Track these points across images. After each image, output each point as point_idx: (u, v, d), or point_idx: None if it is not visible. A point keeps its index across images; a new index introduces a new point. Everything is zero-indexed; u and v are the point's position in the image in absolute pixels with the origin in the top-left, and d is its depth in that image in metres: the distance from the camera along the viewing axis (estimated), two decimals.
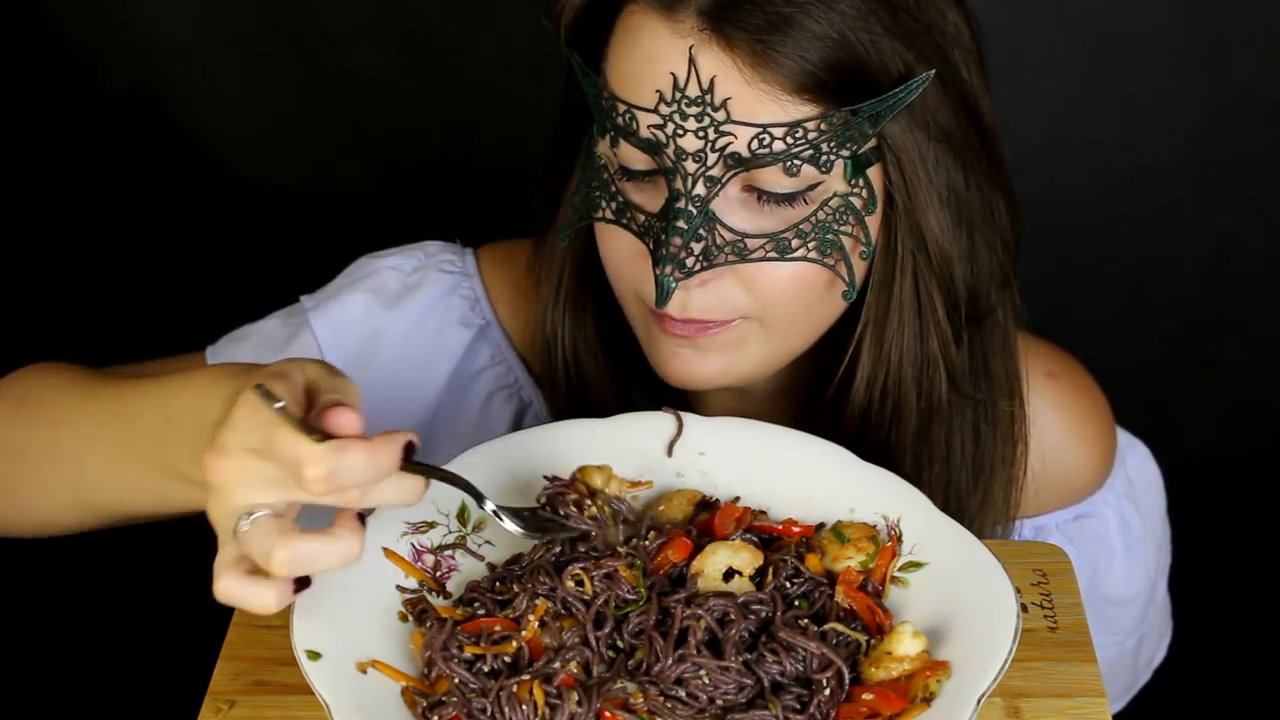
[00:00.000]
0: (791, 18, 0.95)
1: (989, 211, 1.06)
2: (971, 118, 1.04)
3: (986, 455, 1.13)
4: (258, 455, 0.79)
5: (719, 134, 0.96)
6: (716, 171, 0.98)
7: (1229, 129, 1.71)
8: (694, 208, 0.98)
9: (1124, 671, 1.31)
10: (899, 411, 1.08)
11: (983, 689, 0.81)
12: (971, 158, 1.04)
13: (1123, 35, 1.66)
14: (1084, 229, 1.79)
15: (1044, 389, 1.20)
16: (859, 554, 0.94)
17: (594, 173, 1.04)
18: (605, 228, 1.05)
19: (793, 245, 1.00)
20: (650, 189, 1.02)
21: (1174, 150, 1.73)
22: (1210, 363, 1.85)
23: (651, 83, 0.97)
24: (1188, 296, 1.82)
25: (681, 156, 0.98)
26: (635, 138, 0.99)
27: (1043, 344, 1.24)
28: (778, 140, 0.96)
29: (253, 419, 0.80)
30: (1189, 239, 1.78)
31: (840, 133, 0.97)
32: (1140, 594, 1.27)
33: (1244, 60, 1.67)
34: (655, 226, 1.00)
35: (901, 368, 1.07)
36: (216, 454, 0.80)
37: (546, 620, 0.89)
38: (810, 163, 0.97)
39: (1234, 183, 1.75)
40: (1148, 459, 1.29)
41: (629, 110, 0.98)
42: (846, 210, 1.00)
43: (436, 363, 1.22)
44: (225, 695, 0.89)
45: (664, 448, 1.03)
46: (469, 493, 0.88)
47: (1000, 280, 1.08)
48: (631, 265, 1.04)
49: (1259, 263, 1.79)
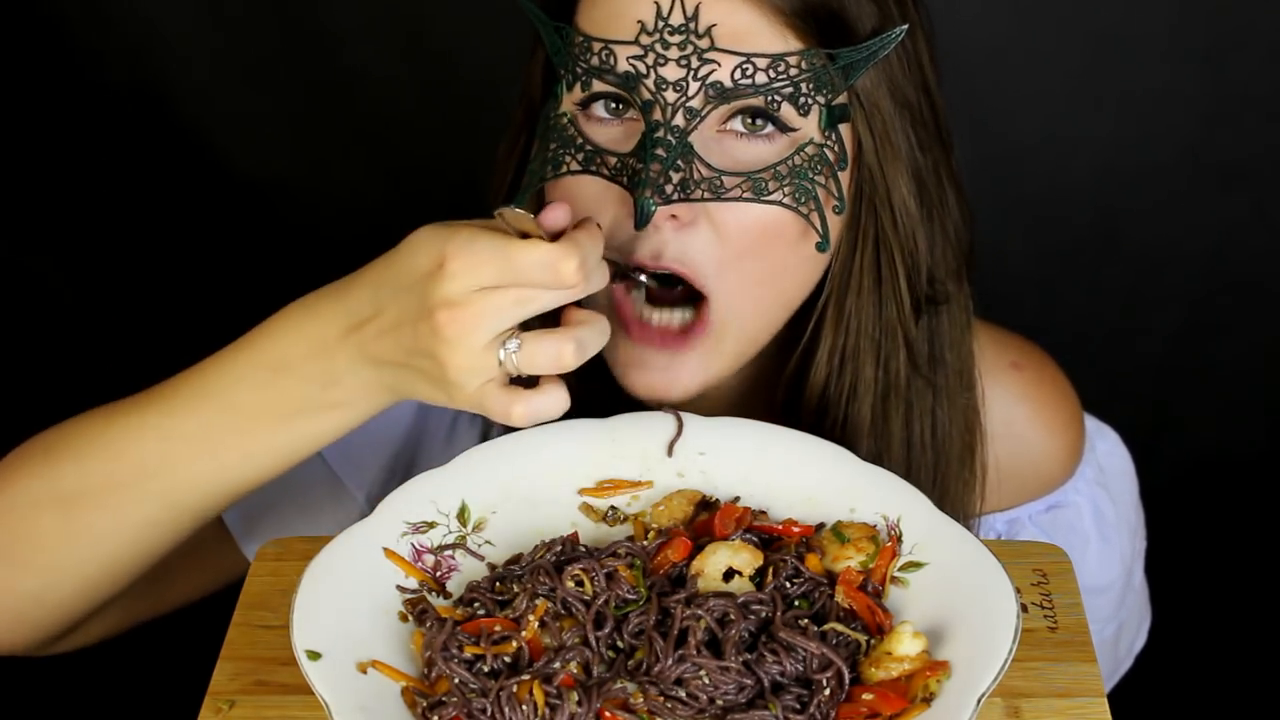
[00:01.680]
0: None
1: (943, 199, 1.07)
2: (930, 103, 1.06)
3: (945, 444, 1.13)
4: (491, 290, 0.86)
5: (702, 62, 0.97)
6: (696, 103, 0.98)
7: (1229, 129, 1.71)
8: (673, 137, 0.98)
9: (1105, 659, 1.31)
10: (856, 383, 1.08)
11: (983, 689, 0.81)
12: (928, 139, 1.05)
13: (1122, 35, 1.66)
14: (1083, 229, 1.79)
15: (1009, 380, 1.21)
16: (859, 554, 0.94)
17: (556, 133, 1.03)
18: (567, 185, 1.03)
19: (769, 187, 1.00)
20: (619, 131, 1.01)
21: (1174, 150, 1.73)
22: (1210, 363, 1.86)
23: (632, 15, 0.98)
24: (1188, 296, 1.82)
25: (662, 86, 0.98)
26: (612, 74, 0.99)
27: (1007, 335, 1.24)
28: (760, 72, 0.97)
29: (472, 260, 0.86)
30: (1189, 239, 1.78)
31: (819, 75, 0.98)
32: (1116, 580, 1.28)
33: (1244, 60, 1.67)
34: (629, 162, 0.99)
35: (860, 336, 1.07)
36: (448, 308, 0.86)
37: (546, 620, 0.89)
38: (789, 101, 0.98)
39: (1234, 183, 1.75)
40: (1117, 444, 1.30)
41: (606, 47, 0.98)
42: (820, 161, 1.01)
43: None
44: (225, 695, 0.89)
45: (664, 448, 1.03)
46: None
47: (955, 273, 1.09)
48: (604, 215, 1.00)
49: (1259, 263, 1.79)
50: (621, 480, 1.02)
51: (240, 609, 0.96)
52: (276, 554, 1.00)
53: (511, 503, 1.00)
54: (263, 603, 0.96)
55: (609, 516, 1.01)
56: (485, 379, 0.89)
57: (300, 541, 1.02)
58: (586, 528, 1.00)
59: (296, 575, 0.89)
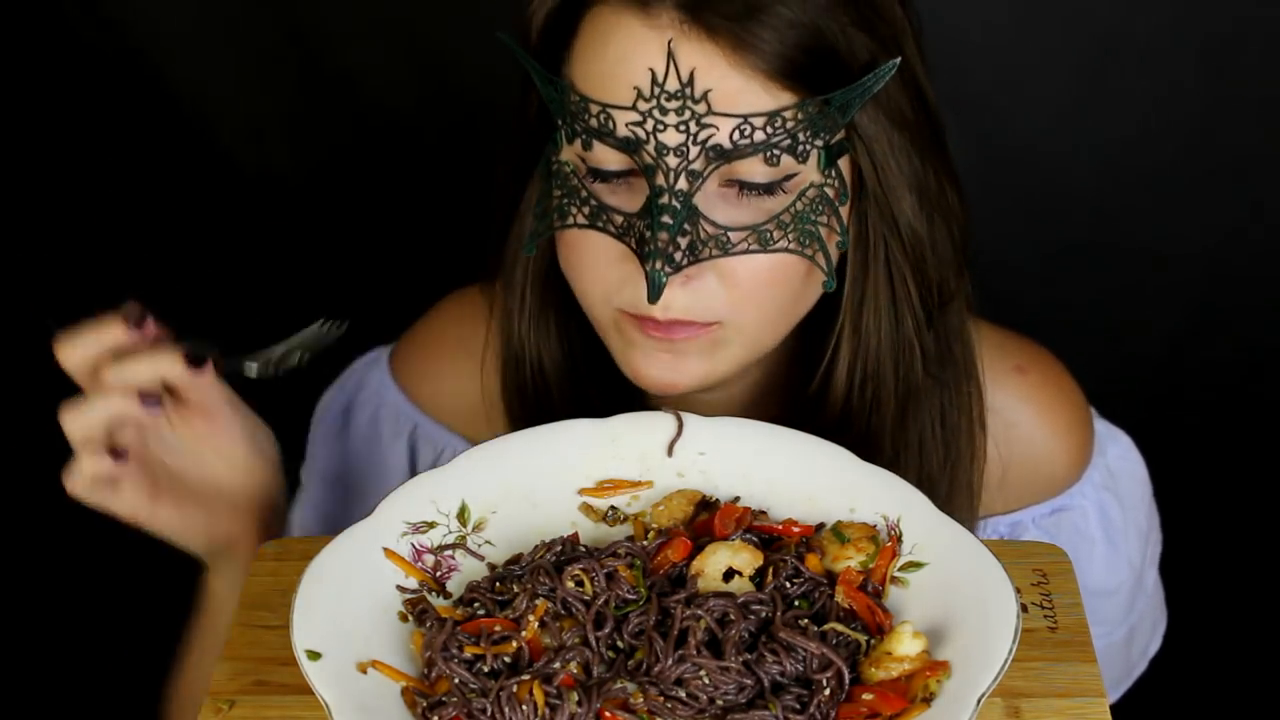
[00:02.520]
0: (768, 4, 0.96)
1: (943, 199, 1.07)
2: (925, 107, 1.06)
3: (954, 438, 1.14)
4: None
5: (701, 126, 0.97)
6: (698, 165, 0.98)
7: (1229, 129, 1.71)
8: (678, 202, 0.98)
9: (1115, 662, 1.31)
10: (878, 397, 1.09)
11: (983, 689, 0.81)
12: (926, 145, 1.05)
13: (1122, 35, 1.66)
14: (1084, 229, 1.79)
15: (1013, 384, 1.21)
16: (859, 554, 0.94)
17: (560, 180, 1.03)
18: (575, 236, 1.04)
19: (774, 237, 1.00)
20: (624, 190, 1.02)
21: (1174, 150, 1.73)
22: (1210, 363, 1.85)
23: (627, 80, 0.97)
24: (1188, 296, 1.82)
25: (663, 152, 0.98)
26: (612, 137, 0.99)
27: (1011, 337, 1.24)
28: (758, 130, 0.97)
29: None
30: (1189, 239, 1.78)
31: (815, 121, 0.98)
32: (1124, 584, 1.27)
33: (1244, 60, 1.67)
34: (637, 225, 1.00)
35: (880, 353, 1.08)
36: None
37: (546, 620, 0.89)
38: (789, 152, 0.98)
39: (1234, 183, 1.74)
40: (1130, 449, 1.29)
41: (604, 110, 0.98)
42: (822, 201, 1.01)
43: (391, 473, 1.30)
44: (225, 695, 0.89)
45: (664, 448, 1.03)
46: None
47: (956, 268, 1.10)
48: (611, 269, 1.03)
49: (1259, 263, 1.79)
50: (621, 480, 1.02)
51: (240, 609, 0.96)
52: (276, 554, 1.01)
53: (511, 503, 1.00)
54: (263, 603, 0.96)
55: (609, 516, 1.01)
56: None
57: (300, 541, 1.03)
58: (586, 528, 1.00)
59: (296, 575, 0.89)
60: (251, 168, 1.79)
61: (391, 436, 1.30)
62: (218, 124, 1.77)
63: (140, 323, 0.99)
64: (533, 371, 1.16)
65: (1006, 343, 1.23)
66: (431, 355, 1.29)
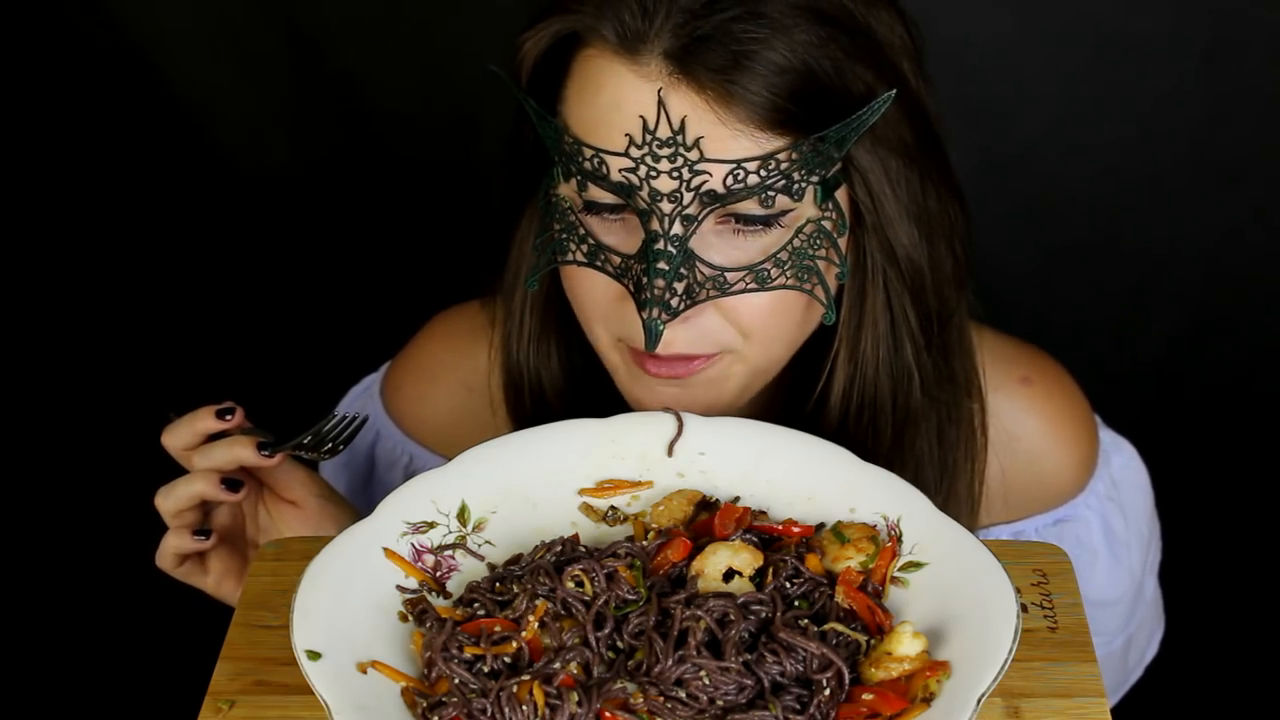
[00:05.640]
0: (755, 52, 0.95)
1: (946, 216, 1.06)
2: (924, 126, 1.05)
3: (951, 453, 1.13)
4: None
5: (694, 173, 0.96)
6: (693, 210, 0.97)
7: (1229, 129, 1.71)
8: (673, 248, 0.98)
9: (1113, 671, 1.31)
10: (875, 424, 1.09)
11: (983, 689, 0.81)
12: (927, 165, 1.04)
13: (1123, 36, 1.66)
14: (1084, 229, 1.79)
15: (1019, 395, 1.20)
16: (859, 554, 0.94)
17: (558, 215, 1.03)
18: (576, 271, 1.04)
19: (771, 274, 1.00)
20: (621, 229, 1.01)
21: (1174, 150, 1.73)
22: (1210, 363, 1.86)
23: (619, 126, 0.97)
24: (1188, 296, 1.82)
25: (657, 198, 0.97)
26: (606, 182, 0.98)
27: (1017, 347, 1.23)
28: (752, 175, 0.96)
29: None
30: (1189, 239, 1.78)
31: (810, 160, 0.98)
32: (1125, 594, 1.27)
33: (1244, 60, 1.67)
34: (634, 268, 0.99)
35: (878, 380, 1.07)
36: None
37: (546, 621, 0.89)
38: (784, 192, 0.98)
39: (1234, 183, 1.75)
40: (1133, 458, 1.28)
41: (597, 155, 0.98)
42: (819, 235, 1.00)
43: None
44: (225, 695, 0.89)
45: (664, 448, 1.03)
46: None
47: (958, 282, 1.09)
48: (610, 308, 1.03)
49: (1259, 263, 1.79)
50: (621, 480, 1.02)
51: (240, 609, 0.96)
52: (276, 554, 1.01)
53: (511, 503, 1.00)
54: (263, 603, 0.96)
55: (609, 516, 1.01)
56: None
57: (300, 541, 1.03)
58: (586, 528, 1.00)
59: (296, 575, 0.89)
60: (249, 167, 1.79)
61: (387, 467, 1.32)
62: (216, 123, 1.77)
63: (229, 414, 1.06)
64: (532, 395, 1.16)
65: (1012, 352, 1.22)
66: (423, 380, 1.29)
